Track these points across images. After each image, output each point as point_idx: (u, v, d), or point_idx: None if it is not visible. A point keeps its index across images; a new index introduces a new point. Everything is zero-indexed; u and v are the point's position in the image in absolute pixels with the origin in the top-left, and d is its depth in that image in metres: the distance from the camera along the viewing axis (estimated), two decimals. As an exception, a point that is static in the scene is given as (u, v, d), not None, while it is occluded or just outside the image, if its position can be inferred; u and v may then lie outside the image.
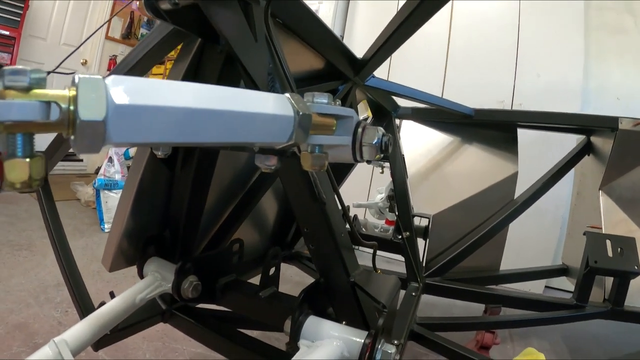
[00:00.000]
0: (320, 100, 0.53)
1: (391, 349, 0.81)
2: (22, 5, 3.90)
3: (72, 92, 0.31)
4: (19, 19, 3.90)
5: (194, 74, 0.96)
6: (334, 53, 1.23)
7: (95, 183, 3.29)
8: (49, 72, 0.97)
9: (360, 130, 0.58)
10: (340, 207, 0.95)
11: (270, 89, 0.80)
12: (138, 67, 1.05)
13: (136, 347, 1.77)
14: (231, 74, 0.89)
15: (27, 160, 0.31)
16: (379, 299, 0.85)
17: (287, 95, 0.48)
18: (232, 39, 0.74)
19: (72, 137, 0.32)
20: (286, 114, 0.46)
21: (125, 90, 0.33)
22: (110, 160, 3.37)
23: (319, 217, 0.86)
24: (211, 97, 0.40)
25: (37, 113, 0.30)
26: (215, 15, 0.72)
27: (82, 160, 4.58)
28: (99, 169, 3.58)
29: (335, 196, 0.92)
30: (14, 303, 1.97)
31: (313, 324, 0.86)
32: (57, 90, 0.32)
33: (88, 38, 1.18)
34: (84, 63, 4.56)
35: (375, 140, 0.58)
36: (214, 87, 0.42)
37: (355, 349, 0.80)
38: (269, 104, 0.45)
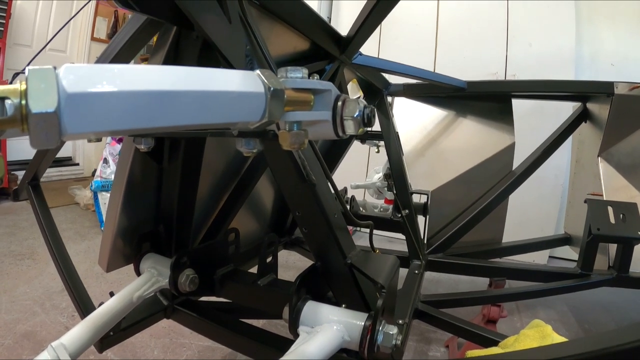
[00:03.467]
0: (294, 75, 0.51)
1: (393, 330, 0.79)
2: (4, 15, 3.83)
3: (24, 86, 0.30)
4: (2, 29, 3.83)
5: (173, 63, 0.94)
6: (316, 32, 1.19)
7: (92, 185, 3.28)
8: (16, 74, 0.94)
9: (340, 103, 0.56)
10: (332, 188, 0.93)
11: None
12: (116, 62, 1.03)
13: (144, 345, 1.77)
14: (210, 59, 0.86)
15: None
16: (377, 279, 0.83)
17: (257, 71, 0.46)
18: (204, 23, 0.71)
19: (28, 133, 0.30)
20: (256, 90, 0.44)
21: (77, 78, 0.31)
22: (105, 161, 3.34)
23: (309, 199, 0.83)
24: (172, 78, 0.37)
25: (-11, 110, 0.29)
26: (185, 1, 0.69)
27: (78, 164, 4.56)
28: (95, 171, 3.56)
29: (326, 176, 0.90)
30: (20, 312, 1.97)
31: (312, 309, 0.85)
32: (8, 86, 0.30)
33: (49, 41, 1.15)
34: (72, 67, 4.50)
35: (357, 113, 0.55)
36: (175, 67, 0.39)
37: (356, 332, 0.79)
38: (237, 81, 0.42)
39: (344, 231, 0.91)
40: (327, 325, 0.81)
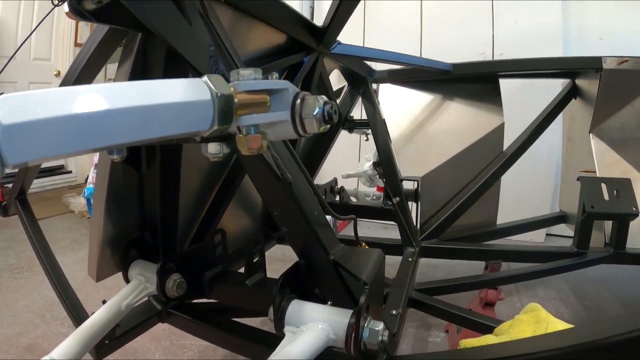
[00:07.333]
0: (247, 77, 0.49)
1: (378, 326, 0.78)
2: (-14, 29, 3.77)
3: None
4: (-16, 43, 3.78)
5: (141, 71, 0.92)
6: (289, 24, 1.17)
7: (84, 193, 3.26)
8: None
9: (298, 102, 0.54)
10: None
11: (215, 71, 0.76)
12: (83, 77, 1.01)
13: (145, 349, 1.77)
14: (177, 62, 0.84)
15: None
16: (360, 275, 0.82)
17: (205, 77, 0.44)
18: (161, 28, 0.69)
19: None
20: (202, 98, 0.42)
21: (12, 109, 0.31)
22: (97, 167, 3.32)
23: (286, 198, 0.82)
24: (108, 96, 0.36)
25: None
26: (137, 7, 0.67)
27: (71, 172, 4.53)
28: (87, 177, 3.54)
29: (302, 172, 0.88)
30: (22, 326, 1.97)
31: (296, 308, 0.84)
32: None
33: (13, 55, 1.13)
34: (57, 74, 4.46)
35: (316, 111, 0.54)
36: (113, 85, 0.39)
37: (341, 330, 0.78)
38: (180, 91, 0.41)
39: (326, 227, 0.89)
40: (312, 324, 0.80)
